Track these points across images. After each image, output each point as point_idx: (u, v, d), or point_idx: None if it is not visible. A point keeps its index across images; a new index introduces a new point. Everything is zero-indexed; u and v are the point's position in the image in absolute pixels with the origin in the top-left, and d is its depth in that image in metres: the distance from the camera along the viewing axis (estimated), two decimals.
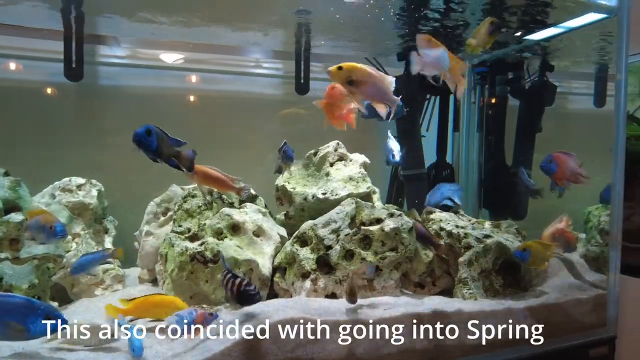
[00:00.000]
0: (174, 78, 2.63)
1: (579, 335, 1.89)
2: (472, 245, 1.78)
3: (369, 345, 1.46)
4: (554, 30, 2.24)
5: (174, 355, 1.30)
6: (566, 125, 2.90)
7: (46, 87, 2.33)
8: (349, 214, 1.76)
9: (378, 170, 2.83)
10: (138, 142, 1.23)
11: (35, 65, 2.32)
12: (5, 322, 1.09)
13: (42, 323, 1.12)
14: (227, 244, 1.68)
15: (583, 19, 2.10)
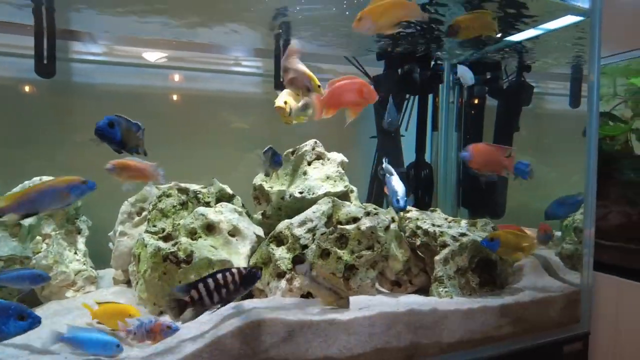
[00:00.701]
0: (151, 76, 2.58)
1: (553, 331, 1.92)
2: (448, 244, 1.78)
3: (344, 345, 1.45)
4: (532, 32, 2.27)
5: (145, 357, 1.27)
6: (543, 124, 2.95)
7: (16, 84, 2.26)
8: (326, 213, 1.75)
9: (358, 169, 2.84)
10: (101, 135, 1.19)
11: (5, 61, 2.26)
12: None
13: (16, 323, 1.11)
14: (201, 244, 1.65)
15: (559, 22, 2.13)
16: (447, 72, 2.71)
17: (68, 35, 2.33)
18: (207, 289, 1.26)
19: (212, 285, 1.27)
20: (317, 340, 1.41)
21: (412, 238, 1.88)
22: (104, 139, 1.21)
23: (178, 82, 2.64)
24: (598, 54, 1.97)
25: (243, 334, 1.32)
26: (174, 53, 2.57)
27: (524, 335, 1.83)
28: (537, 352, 1.86)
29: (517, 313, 1.80)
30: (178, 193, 1.94)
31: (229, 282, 1.30)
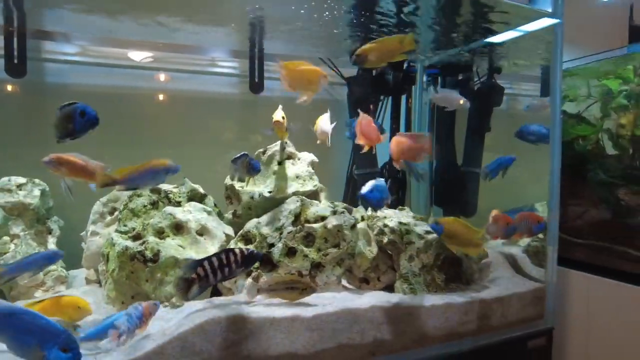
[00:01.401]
0: (126, 76, 2.58)
1: (518, 327, 1.97)
2: (413, 241, 1.82)
3: (307, 341, 1.48)
4: (506, 35, 2.32)
5: (107, 354, 1.29)
6: (515, 124, 3.00)
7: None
8: (293, 212, 1.77)
9: (334, 170, 2.87)
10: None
11: None
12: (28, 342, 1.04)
13: (58, 354, 1.04)
14: (168, 243, 1.67)
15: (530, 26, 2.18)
16: (420, 74, 2.75)
17: (41, 35, 2.33)
18: (212, 267, 1.36)
19: (217, 264, 1.36)
20: (279, 336, 1.43)
21: (380, 236, 1.92)
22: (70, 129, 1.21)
23: (155, 82, 2.65)
24: (560, 58, 2.03)
25: (204, 331, 1.34)
26: (152, 54, 2.58)
27: (488, 331, 1.87)
28: (501, 347, 1.91)
29: (481, 309, 1.85)
30: (149, 193, 1.95)
31: (231, 261, 1.40)
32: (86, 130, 1.33)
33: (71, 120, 1.30)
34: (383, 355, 1.62)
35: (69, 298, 1.41)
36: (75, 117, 1.30)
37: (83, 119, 1.31)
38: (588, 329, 2.38)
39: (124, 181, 1.40)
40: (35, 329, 1.04)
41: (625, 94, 2.62)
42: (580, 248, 2.65)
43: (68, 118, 1.30)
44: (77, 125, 1.31)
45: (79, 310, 1.38)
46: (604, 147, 2.72)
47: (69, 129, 1.30)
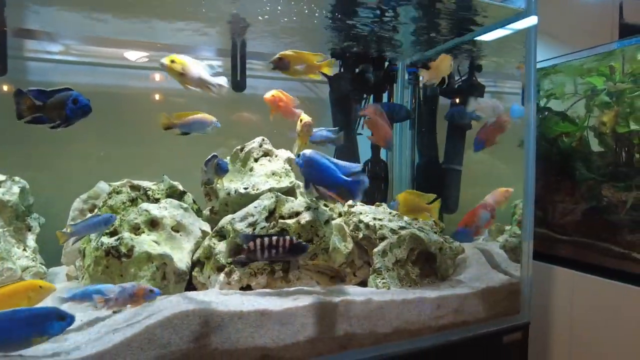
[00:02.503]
0: (110, 74, 2.60)
1: (493, 322, 1.99)
2: (386, 236, 1.84)
3: (276, 335, 1.50)
4: (488, 34, 2.35)
5: (76, 347, 1.31)
6: None
7: None
8: (267, 208, 1.79)
9: None
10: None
11: None
12: (30, 330, 1.21)
13: (59, 324, 1.25)
14: (142, 239, 1.69)
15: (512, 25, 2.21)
16: (401, 72, 2.77)
17: (23, 34, 2.34)
18: (262, 245, 1.51)
19: (267, 243, 1.52)
20: (247, 330, 1.45)
21: (355, 232, 1.94)
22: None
23: (138, 80, 2.67)
24: (534, 57, 2.06)
25: (172, 324, 1.36)
26: (137, 53, 2.60)
27: (462, 326, 1.89)
28: (476, 342, 1.93)
29: (455, 304, 1.86)
30: (129, 190, 1.97)
31: (279, 245, 1.53)
32: (79, 118, 1.33)
33: (63, 106, 1.30)
34: (354, 349, 1.64)
35: (27, 281, 1.44)
36: (67, 104, 1.31)
37: (75, 106, 1.31)
38: (572, 325, 2.41)
39: (179, 125, 1.67)
40: (26, 321, 1.20)
41: (607, 91, 2.64)
42: (565, 245, 2.68)
43: (61, 104, 1.30)
44: (70, 112, 1.31)
45: (41, 290, 1.40)
46: (589, 144, 2.74)
47: (61, 115, 1.29)
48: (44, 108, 1.28)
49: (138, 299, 1.35)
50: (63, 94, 1.31)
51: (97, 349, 1.29)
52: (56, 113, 1.28)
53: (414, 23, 2.23)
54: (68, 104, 1.27)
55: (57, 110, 1.28)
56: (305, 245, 1.58)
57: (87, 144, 2.41)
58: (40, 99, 1.26)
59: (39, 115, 1.27)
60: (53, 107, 1.28)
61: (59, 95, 1.31)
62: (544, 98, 2.93)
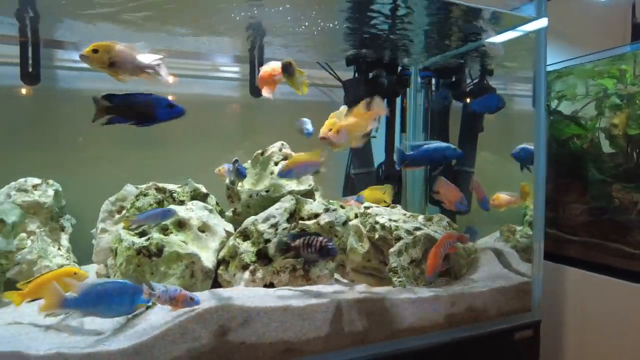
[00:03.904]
0: (133, 82, 2.71)
1: (505, 319, 2.06)
2: (402, 237, 1.92)
3: (299, 330, 1.59)
4: (498, 38, 2.41)
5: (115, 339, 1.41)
6: (507, 124, 3.09)
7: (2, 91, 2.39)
8: (288, 210, 1.89)
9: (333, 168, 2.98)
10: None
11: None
12: (120, 298, 1.41)
13: (132, 300, 1.43)
14: (171, 239, 1.79)
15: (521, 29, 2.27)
16: (414, 76, 2.85)
17: (52, 44, 2.47)
18: (303, 244, 1.61)
19: (306, 242, 1.61)
20: (272, 325, 1.54)
21: (371, 232, 2.02)
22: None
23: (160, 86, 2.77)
24: (544, 59, 2.12)
25: (203, 319, 1.46)
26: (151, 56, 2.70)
27: (475, 323, 1.96)
28: (489, 338, 2.00)
29: (468, 302, 1.94)
30: (155, 192, 2.08)
31: (313, 245, 1.61)
32: (167, 119, 1.41)
33: (153, 107, 1.39)
34: (371, 344, 1.72)
35: (65, 268, 1.60)
36: (159, 106, 1.40)
37: (171, 109, 1.40)
38: (582, 324, 2.45)
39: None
40: (122, 290, 1.41)
41: (618, 93, 2.68)
42: (575, 245, 2.72)
43: (149, 105, 1.39)
44: (160, 114, 1.40)
45: (76, 276, 1.54)
46: (600, 146, 2.78)
47: (149, 115, 1.38)
48: (117, 109, 1.35)
49: (177, 303, 1.43)
50: (154, 96, 1.41)
51: (134, 341, 1.39)
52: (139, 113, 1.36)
53: (427, 31, 2.30)
54: (161, 105, 1.37)
55: (142, 110, 1.36)
56: (332, 250, 1.62)
57: (111, 149, 2.54)
58: (114, 102, 1.35)
59: (113, 117, 1.36)
60: (135, 107, 1.37)
61: (147, 96, 1.40)
62: (555, 100, 2.97)
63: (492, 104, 2.48)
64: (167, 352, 1.41)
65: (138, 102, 1.36)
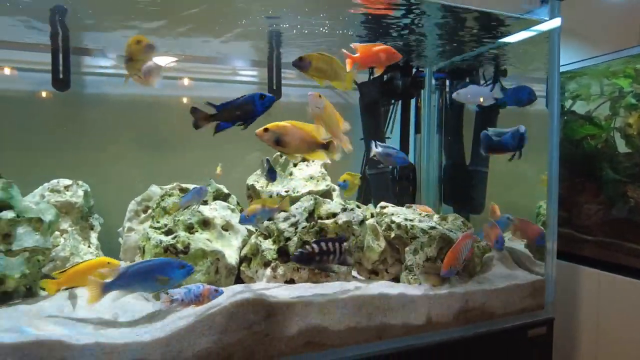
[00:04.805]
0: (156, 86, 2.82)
1: (518, 317, 2.11)
2: (417, 236, 1.98)
3: (319, 323, 1.66)
4: (510, 39, 2.45)
5: (146, 331, 1.51)
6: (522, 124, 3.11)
7: (35, 96, 2.52)
8: (307, 209, 1.96)
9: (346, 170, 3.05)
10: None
11: (26, 75, 2.52)
12: (157, 276, 1.51)
13: (180, 271, 1.53)
14: (197, 237, 1.88)
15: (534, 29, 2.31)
16: (429, 78, 2.90)
17: (80, 51, 2.58)
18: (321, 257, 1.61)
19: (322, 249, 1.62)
20: (294, 319, 1.62)
21: (387, 231, 2.08)
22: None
23: (182, 90, 2.88)
24: (557, 62, 2.15)
25: (229, 312, 1.54)
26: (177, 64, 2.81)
27: (489, 319, 2.02)
28: (502, 335, 2.05)
29: (482, 299, 1.99)
30: (179, 193, 2.17)
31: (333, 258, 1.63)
32: (264, 111, 1.50)
33: (251, 105, 1.49)
34: (388, 339, 1.79)
35: (98, 259, 1.69)
36: (255, 101, 1.49)
37: (262, 101, 1.49)
38: (598, 323, 2.48)
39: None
40: (157, 268, 1.51)
41: (633, 93, 2.69)
42: (590, 245, 2.75)
43: (248, 104, 1.49)
44: (259, 108, 1.49)
45: (109, 266, 1.63)
46: (616, 146, 2.79)
47: (250, 112, 1.48)
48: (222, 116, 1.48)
49: (204, 299, 1.52)
50: (248, 95, 1.51)
51: (165, 332, 1.48)
52: (241, 114, 1.48)
53: (441, 35, 2.35)
54: (256, 100, 1.47)
55: (243, 111, 1.47)
56: (345, 260, 1.65)
57: (135, 151, 2.65)
58: (218, 109, 1.48)
59: (217, 123, 1.51)
60: (237, 110, 1.48)
61: (244, 98, 1.51)
62: (569, 100, 2.99)
63: (524, 96, 2.49)
64: (196, 344, 1.50)
65: (239, 104, 1.48)
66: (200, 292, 1.51)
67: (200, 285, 1.53)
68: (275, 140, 1.53)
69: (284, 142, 1.55)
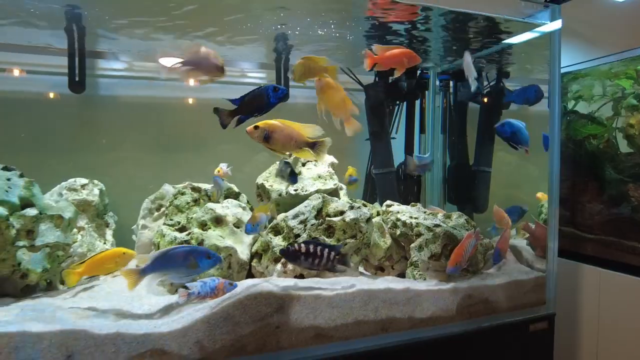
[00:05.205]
0: (166, 88, 2.90)
1: (520, 312, 2.17)
2: (422, 233, 2.05)
3: (328, 316, 1.73)
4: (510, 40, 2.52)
5: (164, 322, 1.58)
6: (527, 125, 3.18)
7: (52, 99, 2.61)
8: (316, 207, 2.03)
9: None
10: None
11: (43, 79, 2.60)
12: (187, 261, 1.60)
13: (207, 261, 1.61)
14: (210, 234, 1.96)
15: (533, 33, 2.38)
16: (433, 79, 2.96)
17: (94, 54, 2.67)
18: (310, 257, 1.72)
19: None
20: (304, 311, 1.69)
21: (393, 229, 2.15)
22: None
23: (192, 92, 2.96)
24: (558, 63, 2.22)
25: (243, 305, 1.62)
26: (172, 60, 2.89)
27: (492, 314, 2.08)
28: (504, 329, 2.11)
29: (485, 294, 2.05)
30: (191, 192, 2.25)
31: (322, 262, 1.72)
32: (277, 102, 1.58)
33: (264, 96, 1.56)
34: (394, 332, 1.86)
35: (114, 249, 1.77)
36: (269, 93, 1.57)
37: (276, 93, 1.56)
38: (599, 321, 2.53)
39: None
40: (188, 253, 1.59)
41: (635, 94, 2.74)
42: (592, 243, 2.80)
43: (262, 95, 1.56)
44: (272, 99, 1.57)
45: (125, 256, 1.73)
46: (618, 146, 2.84)
47: (263, 104, 1.55)
48: (242, 109, 1.54)
49: (219, 292, 1.59)
50: (262, 87, 1.58)
51: (182, 324, 1.56)
52: (256, 105, 1.54)
53: (445, 37, 2.42)
54: (269, 92, 1.54)
55: (258, 102, 1.54)
56: (333, 267, 1.75)
57: (147, 151, 2.73)
58: (236, 104, 1.55)
59: (239, 117, 1.56)
60: (253, 101, 1.54)
61: (258, 90, 1.58)
62: (572, 100, 3.04)
63: (531, 95, 2.53)
64: (211, 335, 1.57)
65: (253, 96, 1.56)
66: (215, 285, 1.59)
67: (215, 279, 1.61)
68: (265, 137, 1.59)
69: (272, 140, 1.61)
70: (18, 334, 1.38)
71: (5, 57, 2.48)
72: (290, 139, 1.65)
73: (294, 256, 1.71)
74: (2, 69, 2.50)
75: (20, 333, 1.38)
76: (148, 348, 1.49)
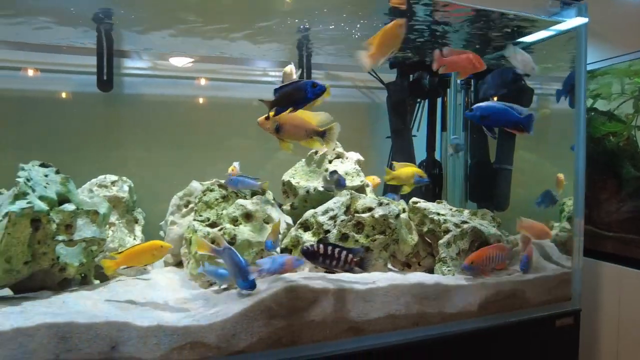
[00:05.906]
0: (190, 87, 2.94)
1: (546, 307, 2.18)
2: (450, 230, 2.07)
3: (361, 310, 1.76)
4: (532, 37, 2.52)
5: (203, 315, 1.61)
6: (545, 123, 3.18)
7: (82, 97, 2.65)
8: (344, 204, 2.06)
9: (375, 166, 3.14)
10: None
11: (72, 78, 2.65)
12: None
13: (243, 282, 1.66)
14: (242, 229, 1.99)
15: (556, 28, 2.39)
16: (454, 78, 2.98)
17: (120, 54, 2.71)
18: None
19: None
20: (337, 305, 1.72)
21: (420, 225, 2.17)
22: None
23: (215, 90, 3.00)
24: (584, 59, 2.23)
25: (279, 298, 1.64)
26: (207, 66, 2.93)
27: (519, 309, 2.09)
28: (531, 324, 2.12)
29: (512, 289, 2.07)
30: (219, 188, 2.28)
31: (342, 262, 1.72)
32: (315, 98, 1.59)
33: (302, 91, 1.57)
34: (425, 327, 1.88)
35: (152, 242, 1.80)
36: (307, 88, 1.57)
37: (314, 89, 1.57)
38: (620, 318, 2.54)
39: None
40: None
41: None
42: (611, 241, 2.80)
43: (300, 90, 1.58)
44: (310, 94, 1.57)
45: (162, 249, 1.76)
46: (637, 144, 2.84)
47: (301, 98, 1.56)
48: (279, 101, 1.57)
49: (288, 267, 1.63)
50: (300, 82, 1.60)
51: (220, 317, 1.59)
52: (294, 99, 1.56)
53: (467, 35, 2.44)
54: (308, 87, 1.56)
55: (296, 96, 1.56)
56: (351, 269, 1.74)
57: (174, 149, 2.77)
58: (275, 95, 1.58)
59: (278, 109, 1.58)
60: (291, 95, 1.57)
61: (297, 83, 1.60)
62: (590, 99, 3.04)
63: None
64: (248, 328, 1.60)
65: (292, 89, 1.58)
66: (284, 261, 1.62)
67: (283, 255, 1.65)
68: (276, 128, 1.61)
69: (283, 130, 1.63)
70: (65, 324, 1.41)
71: (37, 57, 2.53)
72: (300, 129, 1.68)
73: (312, 256, 1.72)
74: (36, 68, 2.55)
75: (68, 324, 1.41)
76: (188, 340, 1.52)
